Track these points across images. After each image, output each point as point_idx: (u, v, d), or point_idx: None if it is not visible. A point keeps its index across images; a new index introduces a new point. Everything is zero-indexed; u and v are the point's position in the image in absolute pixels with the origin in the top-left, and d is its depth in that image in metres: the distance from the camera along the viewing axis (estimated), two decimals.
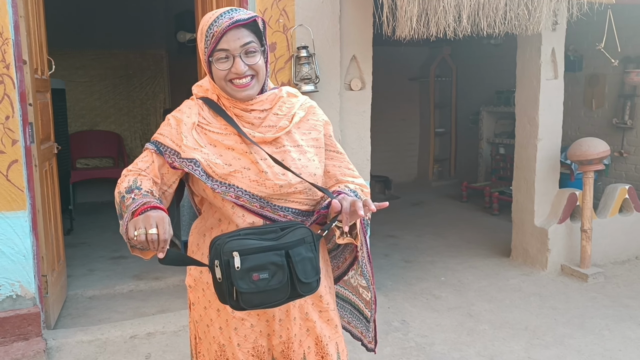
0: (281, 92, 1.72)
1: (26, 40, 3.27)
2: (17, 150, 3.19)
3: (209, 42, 1.57)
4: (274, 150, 1.63)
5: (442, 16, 3.29)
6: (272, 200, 1.62)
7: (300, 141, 1.68)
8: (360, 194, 1.73)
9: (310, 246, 1.55)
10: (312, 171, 1.66)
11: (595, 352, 3.47)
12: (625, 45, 5.80)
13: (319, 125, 1.75)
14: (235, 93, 1.61)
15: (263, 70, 1.63)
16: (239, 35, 1.56)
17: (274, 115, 1.67)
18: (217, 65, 1.58)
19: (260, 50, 1.61)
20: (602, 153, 4.53)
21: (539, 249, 4.85)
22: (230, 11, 1.58)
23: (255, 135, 1.62)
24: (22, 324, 3.24)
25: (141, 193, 1.53)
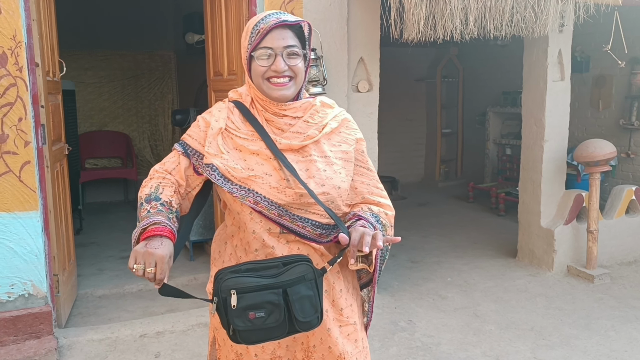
0: (315, 101, 1.72)
1: (38, 43, 3.32)
2: (30, 151, 3.24)
3: (254, 38, 1.60)
4: (300, 159, 1.62)
5: (449, 19, 3.32)
6: (291, 210, 1.60)
7: (329, 152, 1.66)
8: (382, 219, 1.69)
9: (310, 284, 1.51)
10: (336, 184, 1.63)
11: (601, 352, 3.49)
12: (633, 47, 5.81)
13: (350, 139, 1.73)
14: (271, 91, 1.62)
15: (302, 74, 1.65)
16: (284, 36, 1.60)
17: (304, 122, 1.66)
18: (258, 61, 1.60)
19: (302, 55, 1.63)
20: (608, 154, 4.54)
21: (545, 250, 4.87)
22: (278, 13, 1.63)
23: (282, 142, 1.62)
24: (34, 322, 3.29)
25: (157, 206, 1.55)
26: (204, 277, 4.63)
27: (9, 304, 3.29)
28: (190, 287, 4.52)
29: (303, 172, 1.61)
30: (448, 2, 3.26)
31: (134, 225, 5.34)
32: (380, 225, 1.67)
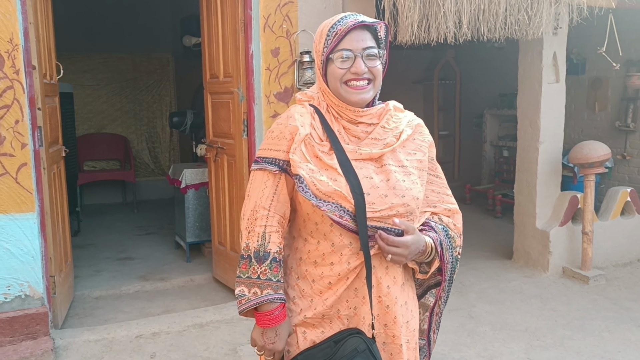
0: (388, 106, 1.66)
1: (35, 46, 3.35)
2: (27, 153, 3.27)
3: (330, 40, 1.54)
4: (379, 169, 1.57)
5: (443, 22, 3.35)
6: (371, 222, 1.53)
7: (405, 161, 1.61)
8: (451, 231, 1.68)
9: (365, 354, 1.51)
10: (415, 194, 1.59)
11: (594, 353, 3.51)
12: (628, 49, 5.85)
13: (424, 146, 1.68)
14: (350, 95, 1.55)
15: (380, 76, 1.59)
16: (363, 37, 1.54)
17: (381, 128, 1.60)
18: (337, 63, 1.54)
19: (379, 57, 1.58)
20: (603, 156, 4.56)
21: (541, 252, 4.89)
22: (355, 15, 1.57)
23: (363, 152, 1.56)
24: (31, 323, 3.31)
25: (266, 273, 1.53)
26: (200, 279, 4.66)
27: (6, 305, 3.31)
28: (187, 288, 4.54)
29: (384, 182, 1.56)
30: (441, 4, 3.29)
31: (131, 226, 5.35)
32: (448, 238, 1.66)
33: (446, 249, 1.64)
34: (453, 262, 1.69)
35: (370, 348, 1.52)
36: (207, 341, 3.59)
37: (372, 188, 1.53)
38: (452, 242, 1.67)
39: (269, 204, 1.57)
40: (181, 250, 5.33)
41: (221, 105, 4.25)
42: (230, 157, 4.17)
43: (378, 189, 1.54)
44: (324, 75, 1.59)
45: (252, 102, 3.89)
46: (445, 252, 1.64)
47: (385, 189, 1.54)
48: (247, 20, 3.82)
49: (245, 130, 3.97)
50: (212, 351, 3.47)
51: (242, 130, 3.98)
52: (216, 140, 4.36)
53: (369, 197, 1.52)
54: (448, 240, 1.65)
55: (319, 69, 1.60)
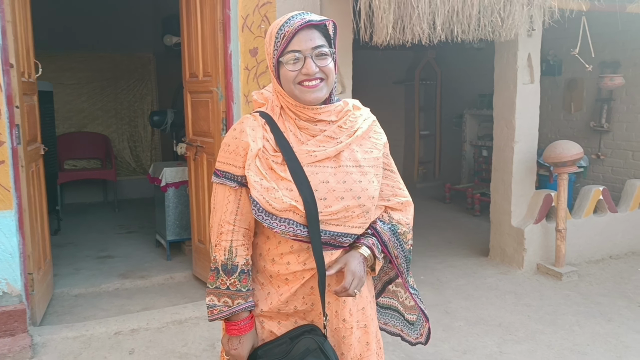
0: (347, 105, 1.68)
1: (13, 45, 3.36)
2: (4, 151, 3.28)
3: (279, 42, 1.54)
4: (336, 169, 1.60)
5: (417, 23, 3.42)
6: (328, 227, 1.58)
7: (362, 160, 1.64)
8: (400, 228, 1.74)
9: (316, 352, 1.58)
10: (371, 194, 1.63)
11: (564, 346, 3.61)
12: (602, 51, 5.99)
13: (379, 144, 1.72)
14: (304, 95, 1.57)
15: (333, 74, 1.60)
16: (311, 37, 1.54)
17: (338, 127, 1.63)
18: (287, 66, 1.55)
19: (330, 54, 1.59)
20: (575, 155, 4.67)
21: (516, 249, 4.99)
22: (302, 13, 1.57)
23: (318, 155, 1.59)
24: (9, 320, 3.33)
25: (236, 284, 1.60)
26: (180, 277, 4.69)
27: None
28: (167, 285, 4.57)
29: (340, 184, 1.59)
30: (415, 6, 3.36)
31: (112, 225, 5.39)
32: (397, 236, 1.73)
33: (393, 247, 1.72)
34: (406, 254, 1.78)
35: (321, 347, 1.59)
36: (186, 337, 3.63)
37: (329, 192, 1.57)
38: (401, 238, 1.75)
39: (233, 218, 1.61)
40: (162, 248, 5.36)
41: (200, 105, 4.28)
42: (209, 155, 4.21)
43: (334, 192, 1.58)
44: (277, 78, 1.61)
45: (230, 102, 3.94)
46: (391, 250, 1.72)
47: (342, 192, 1.59)
48: (225, 20, 3.87)
49: (224, 129, 4.01)
50: (190, 347, 3.51)
51: (221, 129, 4.02)
52: (196, 139, 4.40)
53: (326, 201, 1.57)
54: (396, 238, 1.73)
55: (272, 71, 1.61)
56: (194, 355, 3.42)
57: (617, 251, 5.38)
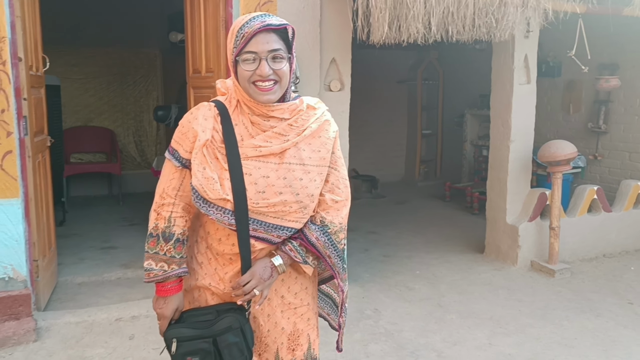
0: (302, 104, 1.76)
1: (22, 39, 3.49)
2: (12, 141, 3.41)
3: (239, 42, 1.63)
4: (279, 166, 1.69)
5: (413, 23, 3.52)
6: (266, 219, 1.70)
7: (307, 159, 1.73)
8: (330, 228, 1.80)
9: (236, 332, 1.71)
10: (311, 192, 1.73)
11: (552, 340, 3.70)
12: (601, 53, 6.07)
13: (329, 143, 1.79)
14: (257, 96, 1.66)
15: (287, 77, 1.68)
16: (268, 40, 1.62)
17: (288, 126, 1.71)
18: (243, 65, 1.64)
19: (286, 58, 1.67)
20: (569, 155, 4.76)
21: (510, 246, 5.09)
22: (263, 16, 1.65)
23: (263, 150, 1.68)
24: (14, 304, 3.46)
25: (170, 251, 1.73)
26: None
27: None
28: None
29: (281, 180, 1.69)
30: (411, 7, 3.46)
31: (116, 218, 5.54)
32: (327, 236, 1.80)
33: (324, 247, 1.80)
34: (339, 253, 1.85)
35: (242, 327, 1.73)
36: None
37: (268, 186, 1.68)
38: (332, 236, 1.81)
39: (174, 193, 1.75)
40: None
41: (203, 100, 4.34)
42: None
43: (274, 187, 1.69)
44: (234, 74, 1.70)
45: None
46: (321, 250, 1.80)
47: (281, 187, 1.69)
48: (228, 18, 3.98)
49: None
50: None
51: None
52: None
53: (264, 194, 1.68)
54: (327, 238, 1.80)
55: (230, 66, 1.70)
56: None
57: (611, 250, 5.46)
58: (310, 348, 1.94)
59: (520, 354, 3.50)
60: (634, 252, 5.55)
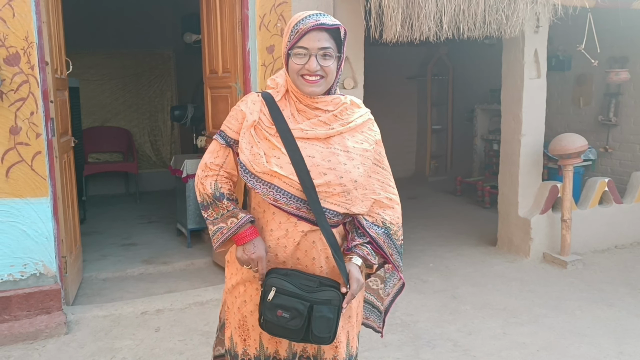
0: (346, 99, 1.87)
1: (48, 44, 3.63)
2: (41, 142, 3.55)
3: (293, 37, 1.76)
4: (324, 149, 1.79)
5: (425, 21, 3.61)
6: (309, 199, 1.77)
7: (351, 148, 1.82)
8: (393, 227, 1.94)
9: (334, 308, 1.75)
10: (354, 177, 1.80)
11: (565, 329, 3.79)
12: (611, 47, 6.13)
13: (371, 139, 1.90)
14: (303, 87, 1.78)
15: (333, 74, 1.80)
16: (320, 38, 1.74)
17: (333, 116, 1.82)
18: (294, 59, 1.77)
19: (335, 57, 1.78)
20: (579, 147, 4.84)
21: (523, 238, 5.17)
22: (318, 15, 1.76)
23: (308, 133, 1.78)
24: (45, 299, 3.60)
25: (229, 205, 1.83)
26: (201, 263, 4.95)
27: (22, 282, 3.60)
28: (188, 271, 4.83)
29: (325, 162, 1.77)
30: (423, 5, 3.56)
31: (134, 215, 5.70)
32: (389, 237, 1.93)
33: (388, 247, 1.94)
34: (398, 249, 1.99)
35: (339, 307, 1.78)
36: (207, 317, 3.87)
37: (313, 166, 1.77)
38: (393, 237, 1.95)
39: (218, 168, 1.88)
40: (182, 237, 5.62)
41: (220, 99, 4.52)
42: None
43: (318, 167, 1.77)
44: (286, 65, 1.83)
45: None
46: (386, 250, 1.93)
47: (325, 169, 1.77)
48: (244, 20, 4.09)
49: None
50: (212, 326, 3.75)
51: None
52: (216, 131, 4.63)
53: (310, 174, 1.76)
54: (389, 239, 1.94)
55: (284, 59, 1.83)
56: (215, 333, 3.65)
57: (622, 241, 5.53)
58: (348, 345, 1.98)
59: (534, 342, 3.60)
60: None
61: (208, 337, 3.58)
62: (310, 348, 1.95)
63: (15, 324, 3.51)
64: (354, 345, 2.01)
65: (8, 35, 3.39)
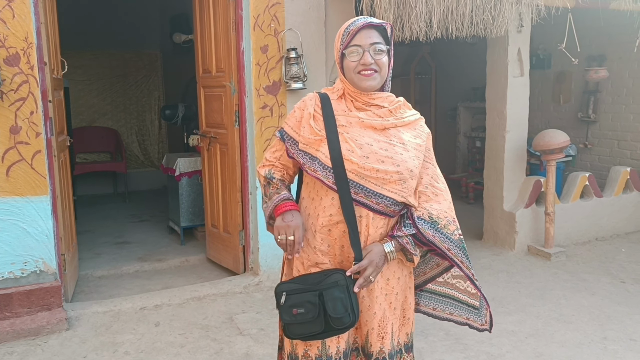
0: (399, 98, 1.99)
1: (46, 44, 3.68)
2: (40, 141, 3.60)
3: (345, 38, 1.89)
4: (382, 139, 1.90)
5: (415, 22, 3.74)
6: (367, 184, 1.87)
7: (407, 140, 1.93)
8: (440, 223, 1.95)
9: (342, 288, 1.85)
10: (410, 167, 1.90)
11: (551, 317, 3.95)
12: (589, 45, 6.33)
13: (423, 135, 2.01)
14: (361, 82, 1.88)
15: (385, 67, 1.91)
16: (370, 35, 1.87)
17: (388, 111, 1.93)
18: (349, 57, 1.88)
19: (386, 51, 1.91)
20: (562, 143, 5.01)
21: (508, 232, 5.33)
22: (365, 17, 1.91)
23: (364, 121, 1.90)
24: (46, 295, 3.65)
25: (277, 184, 2.03)
26: (195, 259, 5.02)
27: (23, 280, 3.64)
28: (183, 268, 4.90)
29: (382, 150, 1.88)
30: (414, 6, 3.69)
31: (125, 214, 5.80)
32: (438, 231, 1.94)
33: (441, 242, 1.95)
34: (457, 244, 2.00)
35: (348, 285, 1.87)
36: (205, 311, 3.96)
37: (372, 153, 1.87)
38: (444, 230, 1.96)
39: (275, 160, 2.08)
40: (175, 235, 5.68)
41: (214, 98, 4.60)
42: (222, 145, 4.53)
43: (377, 154, 1.87)
44: (341, 68, 1.95)
45: (243, 95, 4.26)
46: (439, 245, 1.95)
47: (383, 156, 1.87)
48: (238, 20, 4.18)
49: (237, 121, 4.33)
50: (210, 320, 3.84)
51: (234, 120, 4.34)
52: (209, 130, 4.72)
53: (368, 160, 1.86)
54: (440, 233, 1.95)
55: (337, 63, 1.96)
56: (214, 326, 3.75)
57: (602, 233, 5.73)
58: (393, 338, 2.04)
59: (522, 330, 3.75)
60: (625, 235, 5.83)
61: (207, 331, 3.67)
62: (359, 339, 2.04)
63: (16, 320, 3.56)
64: (403, 339, 2.09)
65: (8, 36, 3.44)
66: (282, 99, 4.34)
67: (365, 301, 1.99)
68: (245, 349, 3.43)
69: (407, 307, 2.11)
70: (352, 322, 1.88)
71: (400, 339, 2.08)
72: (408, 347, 2.12)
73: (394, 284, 2.02)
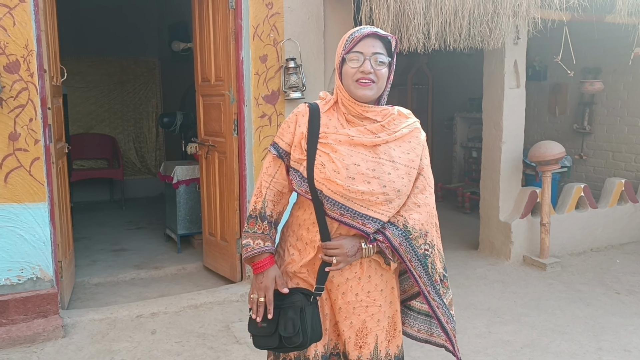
0: (393, 110, 1.94)
1: (46, 52, 3.69)
2: (39, 148, 3.61)
3: (349, 44, 1.87)
4: (370, 157, 1.86)
5: (414, 33, 3.78)
6: (353, 206, 1.85)
7: (397, 158, 1.88)
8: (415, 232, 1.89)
9: (296, 309, 1.89)
10: (398, 187, 1.86)
11: (546, 327, 3.97)
12: (585, 58, 6.39)
13: (418, 149, 1.94)
14: (357, 90, 1.85)
15: (384, 80, 1.88)
16: (374, 44, 1.85)
17: (381, 126, 1.89)
18: (350, 63, 1.86)
19: (387, 63, 1.88)
20: (557, 154, 5.05)
21: (503, 242, 5.36)
22: (372, 27, 1.90)
23: (354, 139, 1.86)
24: (42, 302, 3.65)
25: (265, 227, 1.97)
26: (191, 267, 5.02)
27: (19, 286, 3.64)
28: (179, 275, 4.90)
29: (370, 170, 1.84)
30: (412, 18, 3.72)
31: (121, 222, 5.81)
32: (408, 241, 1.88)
33: (405, 252, 1.90)
34: (419, 258, 1.92)
35: (303, 308, 1.90)
36: (202, 320, 3.96)
37: (358, 174, 1.84)
38: (413, 242, 1.90)
39: (270, 180, 2.00)
40: (171, 242, 5.68)
41: (212, 107, 4.62)
42: (221, 154, 4.55)
43: (363, 175, 1.84)
44: (339, 74, 1.92)
45: (242, 104, 4.28)
46: (403, 254, 1.90)
47: (370, 177, 1.84)
48: (237, 30, 4.21)
49: (236, 130, 4.36)
50: (207, 328, 3.84)
51: (233, 129, 4.36)
52: (208, 138, 4.73)
53: (354, 181, 1.83)
54: (408, 243, 1.90)
55: (337, 68, 1.94)
56: (211, 335, 3.75)
57: (597, 244, 5.77)
58: (377, 349, 2.03)
59: (517, 340, 3.76)
60: (619, 246, 5.86)
61: (204, 339, 3.67)
62: (340, 345, 2.06)
63: (12, 327, 3.55)
64: (394, 351, 2.07)
65: (9, 43, 3.46)
66: (280, 108, 4.36)
67: (342, 312, 2.01)
68: (242, 357, 3.43)
69: (397, 321, 2.10)
70: (303, 343, 1.90)
71: (390, 350, 2.08)
72: (399, 359, 2.12)
73: (376, 296, 2.01)
